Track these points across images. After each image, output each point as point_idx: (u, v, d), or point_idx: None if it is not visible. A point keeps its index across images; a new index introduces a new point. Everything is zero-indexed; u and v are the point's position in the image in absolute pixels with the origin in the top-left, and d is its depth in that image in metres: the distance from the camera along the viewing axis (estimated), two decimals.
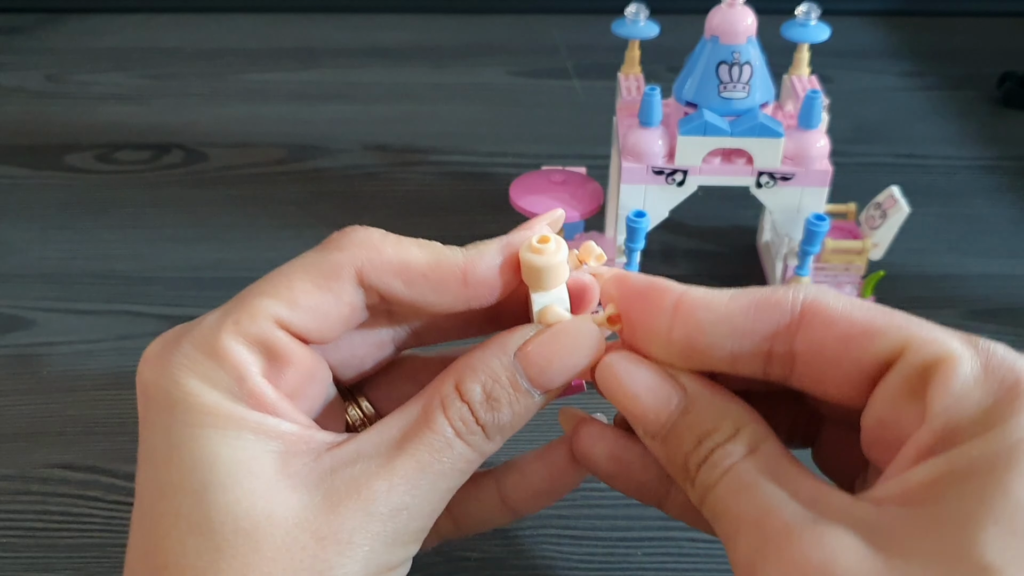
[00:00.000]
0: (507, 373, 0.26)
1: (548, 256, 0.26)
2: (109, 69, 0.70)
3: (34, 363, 0.44)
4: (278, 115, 0.64)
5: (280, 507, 0.24)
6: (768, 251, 0.50)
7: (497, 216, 0.54)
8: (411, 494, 0.25)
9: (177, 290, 0.49)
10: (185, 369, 0.25)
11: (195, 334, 0.26)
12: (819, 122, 0.43)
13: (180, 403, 0.25)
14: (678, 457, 0.25)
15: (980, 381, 0.22)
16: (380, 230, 0.27)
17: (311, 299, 0.26)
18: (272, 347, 0.26)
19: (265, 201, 0.56)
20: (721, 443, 0.24)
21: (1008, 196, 0.56)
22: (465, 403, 0.26)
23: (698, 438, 0.25)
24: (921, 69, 0.70)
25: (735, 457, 0.24)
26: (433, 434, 0.25)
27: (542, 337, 0.26)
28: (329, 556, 0.24)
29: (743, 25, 0.41)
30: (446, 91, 0.68)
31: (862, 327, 0.23)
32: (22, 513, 0.37)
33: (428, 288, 0.26)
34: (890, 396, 0.23)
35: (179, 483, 0.24)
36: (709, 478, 0.24)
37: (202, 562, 0.23)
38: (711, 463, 0.24)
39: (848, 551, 0.21)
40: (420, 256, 0.26)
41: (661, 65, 0.57)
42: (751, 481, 0.23)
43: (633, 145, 0.43)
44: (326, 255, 0.27)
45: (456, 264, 0.26)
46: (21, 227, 0.53)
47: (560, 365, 0.26)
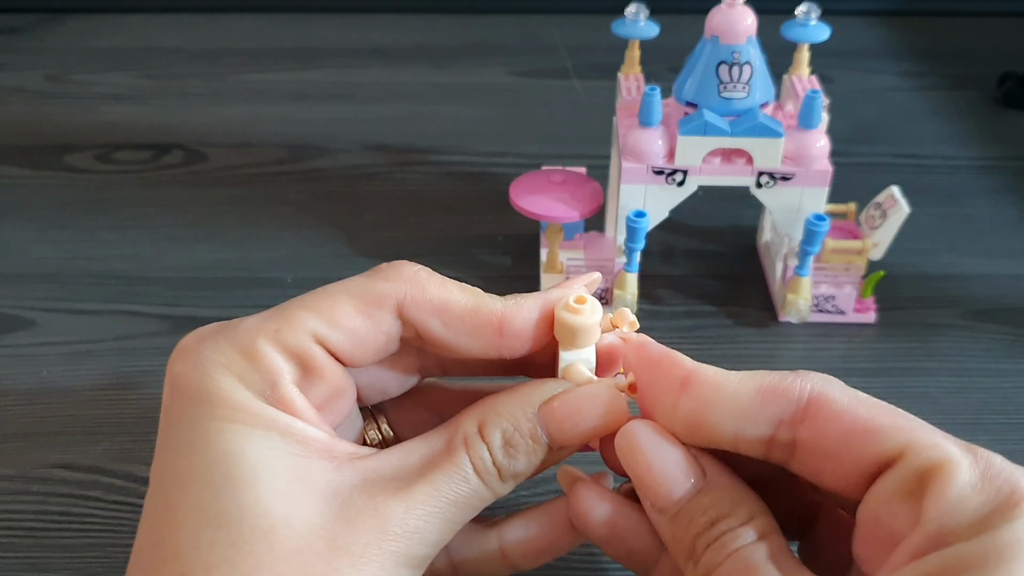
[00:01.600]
0: (529, 424, 0.27)
1: (583, 317, 0.27)
2: (109, 69, 0.70)
3: (34, 363, 0.44)
4: (278, 115, 0.64)
5: (299, 511, 0.24)
6: (768, 251, 0.50)
7: (497, 216, 0.54)
8: (425, 519, 0.25)
9: (177, 290, 0.49)
10: (219, 365, 0.25)
11: (233, 333, 0.26)
12: (819, 122, 0.43)
13: (210, 397, 0.25)
14: (686, 536, 0.25)
15: (977, 489, 0.22)
16: (427, 268, 0.28)
17: (351, 322, 0.27)
18: (307, 360, 0.26)
19: (265, 201, 0.56)
20: (733, 527, 0.25)
21: (1008, 196, 0.56)
22: (485, 444, 0.26)
23: (711, 520, 0.25)
24: (921, 69, 0.70)
25: (744, 541, 0.24)
26: (454, 467, 0.26)
27: (568, 396, 0.27)
28: (341, 566, 0.24)
29: (743, 25, 0.41)
30: (446, 91, 0.68)
31: (865, 425, 0.24)
32: (22, 513, 0.37)
33: (464, 332, 0.27)
34: (887, 496, 0.23)
35: (200, 474, 0.24)
36: (715, 558, 0.24)
37: (214, 556, 0.23)
38: (720, 544, 0.24)
39: None
40: (461, 300, 0.27)
41: (661, 65, 0.57)
42: (757, 564, 0.24)
43: (633, 145, 0.43)
44: (372, 283, 0.27)
45: (494, 313, 0.27)
46: (21, 227, 0.53)
47: (581, 425, 0.27)
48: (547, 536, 0.30)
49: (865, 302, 0.47)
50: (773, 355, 0.45)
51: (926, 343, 0.45)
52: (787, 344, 0.46)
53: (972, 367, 0.44)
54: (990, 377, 0.44)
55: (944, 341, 0.46)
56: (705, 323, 0.47)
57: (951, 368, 0.44)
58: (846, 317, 0.46)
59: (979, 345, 0.45)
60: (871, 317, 0.47)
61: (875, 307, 0.47)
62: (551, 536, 0.30)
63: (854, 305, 0.46)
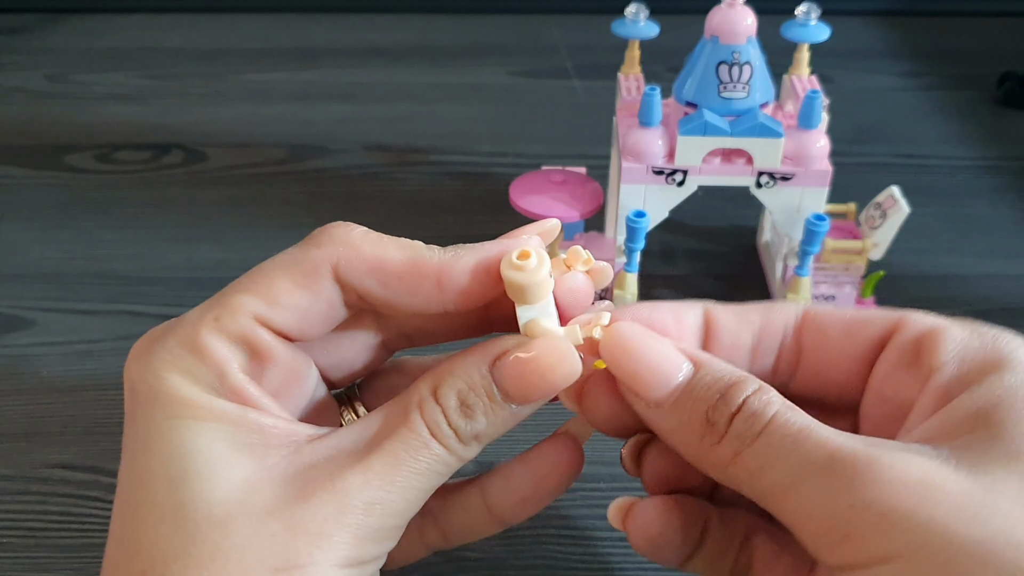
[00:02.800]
0: (483, 382, 0.26)
1: (528, 273, 0.25)
2: (109, 69, 0.70)
3: (34, 363, 0.44)
4: (278, 115, 0.64)
5: (254, 496, 0.24)
6: (768, 251, 0.50)
7: (497, 216, 0.54)
8: (385, 489, 0.25)
9: (177, 290, 0.49)
10: (168, 364, 0.25)
11: (178, 331, 0.26)
12: (819, 122, 0.43)
13: (162, 396, 0.25)
14: (694, 416, 0.25)
15: (974, 336, 0.25)
16: (362, 228, 0.27)
17: (291, 297, 0.26)
18: (253, 344, 0.26)
19: (265, 201, 0.56)
20: (752, 393, 0.24)
21: (1008, 196, 0.56)
22: (440, 406, 0.26)
23: (719, 392, 0.24)
24: (921, 69, 0.70)
25: (776, 405, 0.24)
26: (410, 432, 0.25)
27: (518, 352, 0.26)
28: (300, 545, 0.24)
29: (743, 25, 0.41)
30: (446, 91, 0.68)
31: (858, 316, 0.27)
32: (22, 513, 0.37)
33: (402, 289, 0.26)
34: (889, 368, 0.26)
35: (156, 473, 0.25)
36: (749, 429, 0.24)
37: (172, 548, 0.24)
38: (747, 415, 0.24)
39: (939, 470, 0.21)
40: (396, 256, 0.26)
41: (661, 65, 0.57)
42: (805, 424, 0.23)
43: (633, 145, 0.43)
44: (305, 252, 0.27)
45: (430, 267, 0.26)
46: (21, 227, 0.53)
47: (535, 382, 0.26)
48: (530, 485, 0.29)
49: (865, 302, 0.47)
50: None
51: None
52: None
53: None
54: None
55: None
56: None
57: None
58: None
59: None
60: None
61: (875, 307, 0.47)
62: (534, 484, 0.29)
63: (854, 305, 0.46)
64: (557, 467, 0.29)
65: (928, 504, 0.21)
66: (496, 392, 0.26)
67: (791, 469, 0.23)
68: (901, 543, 0.21)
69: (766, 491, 0.24)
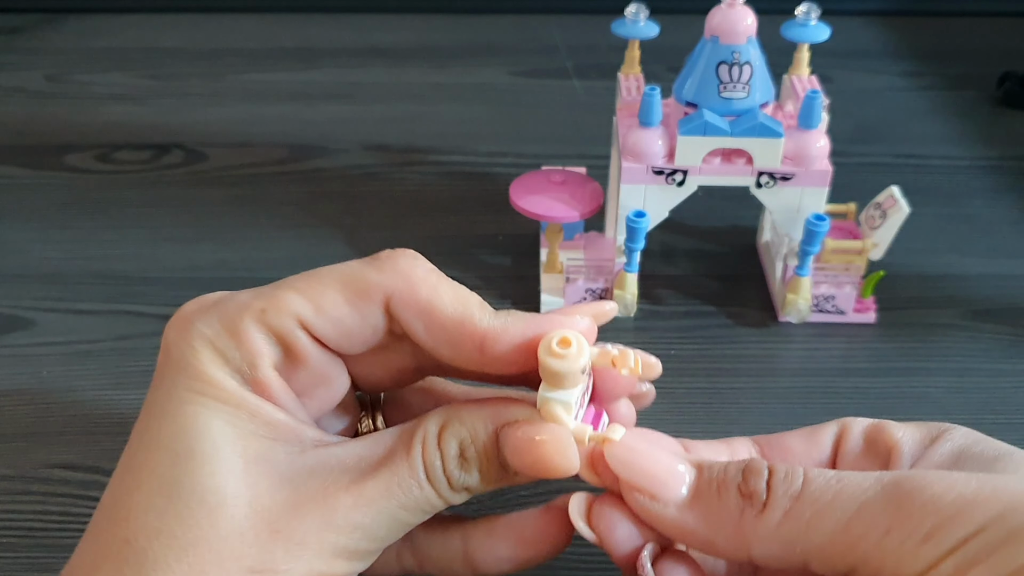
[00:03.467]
0: (486, 441, 0.26)
1: (564, 362, 0.25)
2: (109, 69, 0.70)
3: (34, 363, 0.44)
4: (278, 115, 0.64)
5: (249, 491, 0.25)
6: (768, 251, 0.50)
7: (497, 216, 0.54)
8: (371, 516, 0.25)
9: (177, 290, 0.49)
10: (205, 339, 0.26)
11: (225, 309, 0.26)
12: (819, 122, 0.43)
13: (191, 367, 0.25)
14: (726, 498, 0.25)
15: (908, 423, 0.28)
16: (427, 264, 0.27)
17: (338, 311, 0.26)
18: (290, 344, 0.26)
19: (265, 201, 0.56)
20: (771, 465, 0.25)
21: (1008, 196, 0.56)
22: (440, 451, 0.26)
23: (738, 469, 0.25)
24: (921, 69, 0.70)
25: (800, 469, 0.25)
26: (407, 468, 0.26)
27: (526, 428, 0.26)
28: (277, 550, 0.24)
29: (743, 25, 0.41)
30: (446, 91, 0.68)
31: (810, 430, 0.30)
32: (22, 513, 0.37)
33: (445, 341, 0.26)
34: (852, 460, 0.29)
35: (164, 442, 0.25)
36: (792, 486, 0.25)
37: (160, 524, 0.24)
38: (782, 475, 0.25)
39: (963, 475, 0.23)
40: (448, 308, 0.26)
41: (661, 65, 0.57)
42: (837, 471, 0.25)
43: (633, 145, 0.43)
44: (365, 272, 0.27)
45: (477, 331, 0.26)
46: (21, 227, 0.53)
47: (530, 463, 0.26)
48: (509, 547, 0.29)
49: (865, 302, 0.47)
50: (773, 355, 0.45)
51: (926, 343, 0.45)
52: (787, 344, 0.46)
53: (972, 367, 0.44)
54: (990, 377, 0.44)
55: (944, 341, 0.46)
56: (705, 323, 0.47)
57: (951, 368, 0.44)
58: (846, 317, 0.46)
59: (979, 345, 0.45)
60: (871, 317, 0.47)
61: (875, 307, 0.47)
62: (513, 547, 0.29)
63: (854, 305, 0.46)
64: (541, 539, 0.29)
65: (984, 486, 0.23)
66: (496, 454, 0.26)
67: (845, 506, 0.24)
68: (981, 514, 0.22)
69: (825, 540, 0.24)
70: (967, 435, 0.27)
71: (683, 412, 0.42)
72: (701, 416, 0.42)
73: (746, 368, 0.44)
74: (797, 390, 0.43)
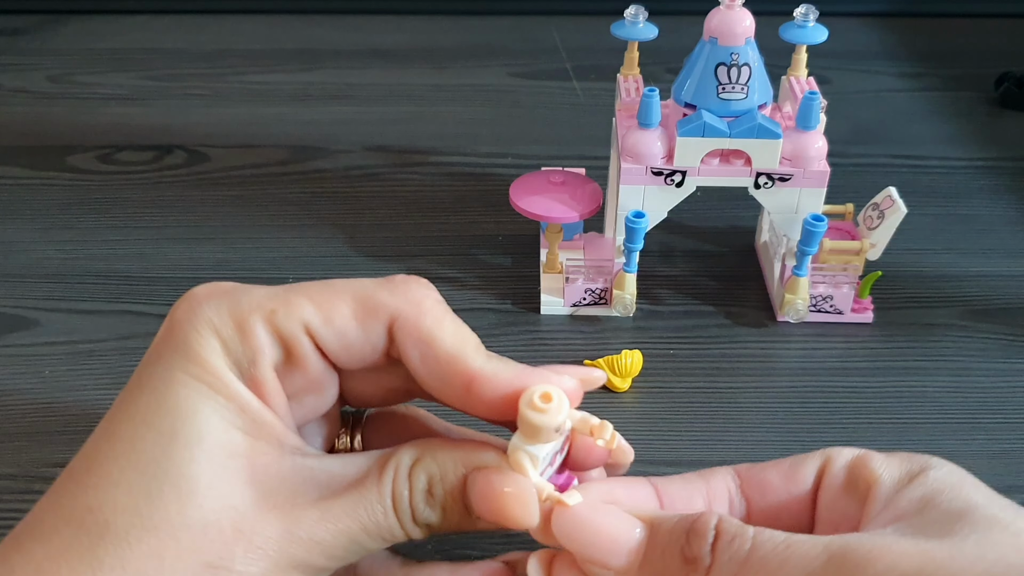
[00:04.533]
0: (454, 481, 0.27)
1: (544, 417, 0.26)
2: (111, 70, 0.70)
3: (36, 363, 0.44)
4: (279, 116, 0.65)
5: (221, 485, 0.25)
6: (766, 251, 0.51)
7: (497, 216, 0.54)
8: (332, 535, 0.26)
9: (179, 290, 0.48)
10: (212, 326, 0.26)
11: (237, 300, 0.27)
12: (817, 123, 0.43)
13: (192, 349, 0.26)
14: (670, 563, 0.25)
15: (893, 456, 0.28)
16: (437, 294, 0.28)
17: (344, 324, 0.27)
18: (293, 348, 0.27)
19: (266, 201, 0.56)
20: (720, 519, 0.25)
21: (1005, 197, 0.56)
22: (409, 483, 0.27)
23: (684, 531, 0.25)
24: (918, 70, 0.71)
25: (748, 526, 0.25)
26: (377, 494, 0.26)
27: (494, 478, 0.27)
28: (235, 551, 0.24)
29: (741, 27, 0.41)
30: (446, 92, 0.68)
31: (792, 462, 0.29)
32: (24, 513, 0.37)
33: (437, 374, 0.27)
34: (832, 495, 0.28)
35: (151, 417, 0.25)
36: (738, 551, 0.25)
37: (128, 499, 0.24)
38: (728, 538, 0.25)
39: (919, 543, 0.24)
40: (445, 343, 0.27)
41: (660, 67, 0.57)
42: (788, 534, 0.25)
43: (632, 146, 0.43)
44: (376, 291, 0.28)
45: (468, 371, 0.27)
46: (24, 227, 0.54)
47: (492, 509, 0.26)
48: None
49: (863, 302, 0.47)
50: (771, 355, 0.45)
51: (923, 343, 0.46)
52: (785, 344, 0.46)
53: (969, 367, 0.44)
54: (987, 377, 0.44)
55: (941, 341, 0.46)
56: (703, 323, 0.47)
57: (948, 368, 0.44)
58: (844, 317, 0.47)
59: (976, 345, 0.46)
60: (868, 317, 0.47)
61: (872, 307, 0.47)
62: None
63: (852, 305, 0.46)
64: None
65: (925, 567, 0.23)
66: (460, 496, 0.27)
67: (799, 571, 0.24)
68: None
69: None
70: (943, 479, 0.26)
71: (682, 411, 0.42)
72: (700, 415, 0.42)
73: (744, 368, 0.44)
74: (795, 389, 0.43)
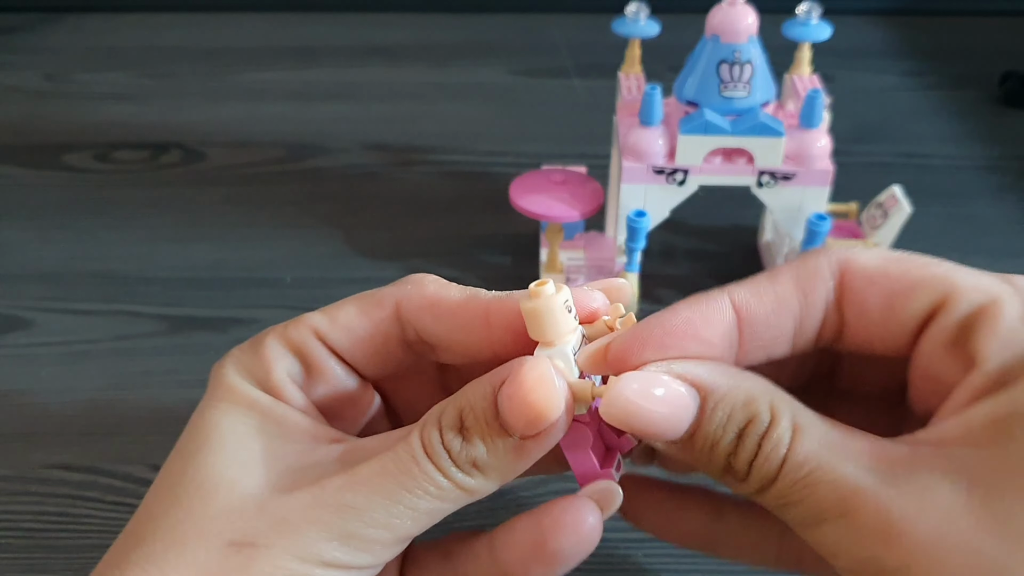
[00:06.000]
0: (483, 404, 0.25)
1: (540, 300, 0.24)
2: (107, 68, 0.70)
3: (32, 363, 0.44)
4: (277, 114, 0.64)
5: (247, 478, 0.25)
6: (769, 251, 0.50)
7: (497, 216, 0.54)
8: (365, 495, 0.24)
9: (176, 290, 0.49)
10: (235, 359, 0.28)
11: (256, 336, 0.29)
12: (820, 121, 0.43)
13: (218, 384, 0.27)
14: (716, 460, 0.24)
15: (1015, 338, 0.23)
16: (439, 278, 0.28)
17: (351, 320, 0.28)
18: (307, 355, 0.28)
19: (264, 200, 0.56)
20: (765, 432, 0.23)
21: (1010, 196, 0.56)
22: (439, 424, 0.25)
23: (735, 431, 0.23)
24: (922, 68, 0.70)
25: (786, 444, 0.23)
26: (404, 447, 0.25)
27: (517, 373, 0.24)
28: (262, 526, 0.24)
29: (744, 24, 0.41)
30: (446, 90, 0.68)
31: (901, 282, 0.24)
32: (20, 514, 0.37)
33: (454, 324, 0.27)
34: (934, 349, 0.24)
35: (184, 445, 0.26)
36: (767, 472, 0.23)
37: (158, 507, 0.25)
38: (764, 457, 0.23)
39: (951, 520, 0.21)
40: (453, 294, 0.28)
41: (662, 64, 0.57)
42: (816, 464, 0.23)
43: (634, 144, 0.43)
44: (380, 289, 0.29)
45: (480, 303, 0.27)
46: (19, 227, 0.53)
47: (518, 403, 0.24)
48: (530, 540, 0.27)
49: None
50: None
51: None
52: None
53: None
54: None
55: None
56: None
57: None
58: None
59: None
60: None
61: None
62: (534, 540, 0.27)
63: None
64: (563, 526, 0.27)
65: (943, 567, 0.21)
66: (494, 417, 0.25)
67: (810, 512, 0.23)
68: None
69: (792, 524, 0.24)
70: None
71: None
72: None
73: None
74: None
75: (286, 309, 0.47)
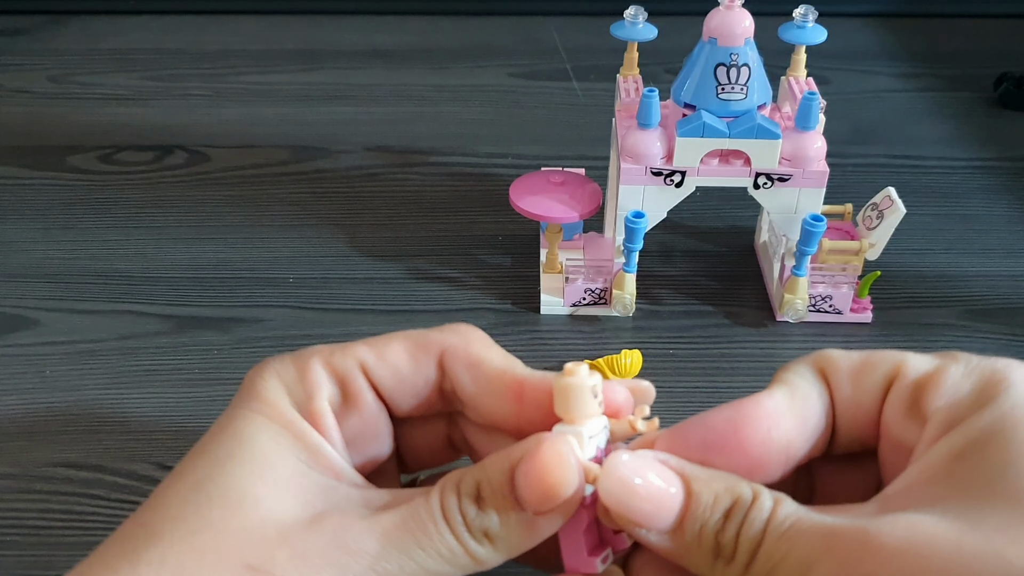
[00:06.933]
0: (500, 478, 0.26)
1: (575, 378, 0.26)
2: (112, 70, 0.70)
3: (37, 363, 0.45)
4: (280, 116, 0.65)
5: (271, 500, 0.25)
6: (766, 251, 0.51)
7: (497, 217, 0.54)
8: (381, 544, 0.25)
9: (179, 290, 0.49)
10: (276, 372, 0.28)
11: (300, 353, 0.29)
12: (816, 123, 0.43)
13: (255, 392, 0.28)
14: (703, 541, 0.25)
15: (967, 376, 0.25)
16: (484, 335, 0.30)
17: (397, 359, 0.29)
18: (348, 385, 0.29)
19: (267, 202, 0.56)
20: (750, 506, 0.25)
21: (1004, 197, 0.57)
22: (457, 490, 0.26)
23: (722, 511, 0.25)
24: (918, 70, 0.71)
25: (768, 509, 0.25)
26: (423, 504, 0.26)
27: (531, 453, 0.26)
28: (277, 555, 0.25)
29: (741, 27, 0.41)
30: (446, 92, 0.68)
31: (864, 362, 0.27)
32: (25, 512, 0.38)
33: (489, 390, 0.29)
34: (894, 417, 0.26)
35: (212, 447, 0.27)
36: (754, 536, 0.24)
37: (179, 510, 0.25)
38: (749, 523, 0.25)
39: (929, 524, 0.22)
40: (494, 361, 0.29)
41: (660, 67, 0.57)
42: (797, 518, 0.24)
43: (632, 146, 0.43)
44: (427, 332, 0.30)
45: (515, 377, 0.28)
46: (24, 227, 0.54)
47: (533, 481, 0.26)
48: None
49: (862, 302, 0.47)
50: (770, 354, 0.45)
51: (922, 343, 0.46)
52: (784, 344, 0.46)
53: None
54: None
55: (940, 341, 0.46)
56: (703, 323, 0.47)
57: None
58: (843, 317, 0.47)
59: (975, 345, 0.46)
60: (868, 317, 0.47)
61: (871, 307, 0.47)
62: None
63: (851, 305, 0.46)
64: None
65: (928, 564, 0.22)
66: (510, 492, 0.26)
67: (798, 561, 0.24)
68: None
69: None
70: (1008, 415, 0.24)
71: (681, 411, 0.42)
72: None
73: (744, 367, 0.45)
74: None
75: (290, 308, 0.48)
